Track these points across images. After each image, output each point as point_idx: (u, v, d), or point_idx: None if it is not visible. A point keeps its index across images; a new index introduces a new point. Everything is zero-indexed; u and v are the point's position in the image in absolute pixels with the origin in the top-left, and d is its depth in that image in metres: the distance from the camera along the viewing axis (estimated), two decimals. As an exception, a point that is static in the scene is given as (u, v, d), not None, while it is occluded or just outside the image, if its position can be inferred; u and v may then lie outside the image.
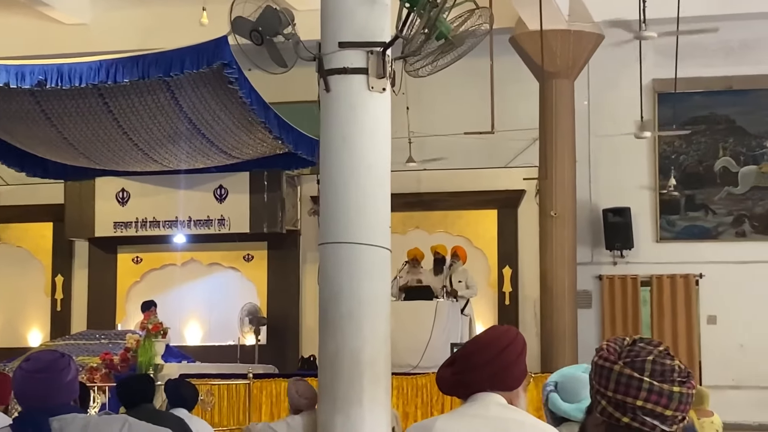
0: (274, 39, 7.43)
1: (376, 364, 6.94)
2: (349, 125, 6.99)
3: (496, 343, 3.16)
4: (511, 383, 3.15)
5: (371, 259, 6.97)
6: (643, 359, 2.19)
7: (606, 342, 2.26)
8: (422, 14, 6.93)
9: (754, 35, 15.18)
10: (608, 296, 15.53)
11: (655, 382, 2.16)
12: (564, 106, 14.46)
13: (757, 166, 15.49)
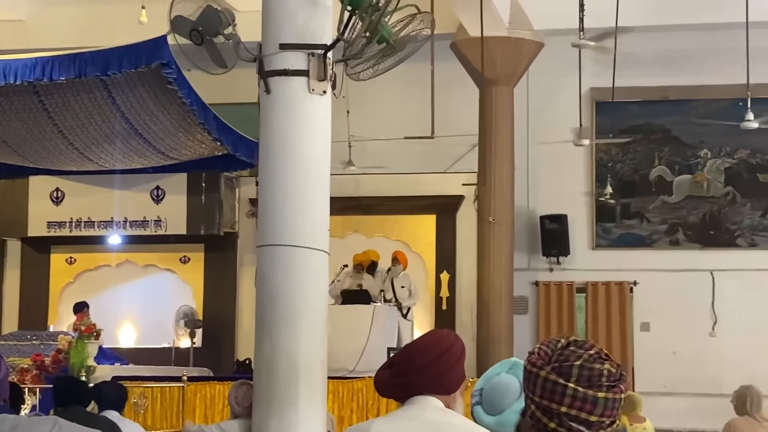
0: (214, 39, 7.37)
1: (313, 368, 6.92)
2: (290, 127, 6.96)
3: (436, 347, 3.16)
4: (449, 387, 3.15)
5: (309, 262, 6.94)
6: (571, 364, 2.19)
7: (539, 345, 2.25)
8: (364, 17, 6.92)
9: (690, 46, 15.37)
10: (544, 302, 15.64)
11: (580, 388, 2.16)
12: (503, 112, 14.54)
13: (692, 175, 15.68)
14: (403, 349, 3.31)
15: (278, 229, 6.92)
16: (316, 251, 6.94)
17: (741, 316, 15.17)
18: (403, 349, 3.31)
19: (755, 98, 12.21)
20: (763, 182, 15.49)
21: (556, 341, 2.27)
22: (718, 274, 15.35)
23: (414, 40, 7.53)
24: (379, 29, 7.00)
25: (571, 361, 2.21)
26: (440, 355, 3.14)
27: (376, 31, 7.01)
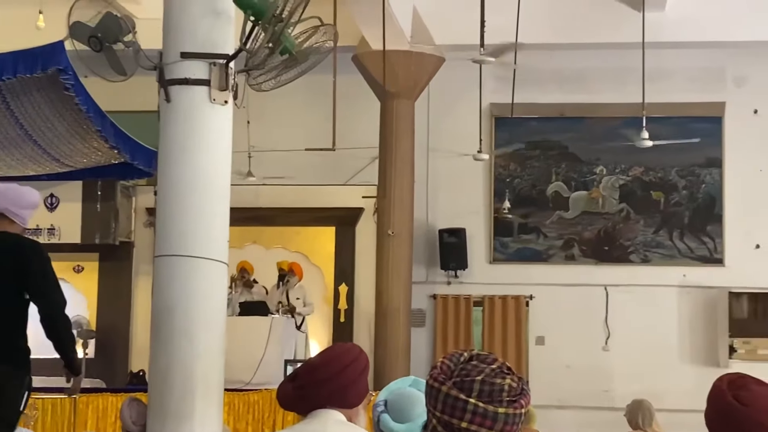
0: (113, 46, 7.27)
1: (209, 380, 6.85)
2: (190, 137, 6.89)
3: (339, 360, 3.15)
4: (351, 401, 3.14)
5: (207, 273, 6.88)
6: (473, 379, 2.19)
7: (442, 359, 2.26)
8: (267, 28, 6.89)
9: (587, 65, 15.64)
10: (441, 315, 15.72)
11: (481, 404, 2.16)
12: (404, 126, 14.61)
13: (587, 191, 15.93)
14: (307, 361, 3.30)
15: (176, 239, 6.84)
16: (214, 262, 6.88)
17: (633, 331, 15.44)
18: (307, 361, 3.30)
19: (650, 117, 12.45)
20: (656, 199, 15.81)
21: (459, 355, 2.27)
22: (611, 289, 15.61)
23: (317, 52, 7.52)
24: (282, 40, 6.98)
25: (472, 376, 2.21)
26: (343, 368, 3.13)
27: (278, 42, 6.98)
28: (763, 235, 15.41)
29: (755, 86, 15.55)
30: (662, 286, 15.51)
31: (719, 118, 15.61)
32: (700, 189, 15.72)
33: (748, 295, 15.45)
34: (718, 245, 15.58)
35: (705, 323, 15.42)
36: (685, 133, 15.47)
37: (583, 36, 14.14)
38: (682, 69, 15.54)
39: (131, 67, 7.28)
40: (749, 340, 15.41)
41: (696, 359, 15.35)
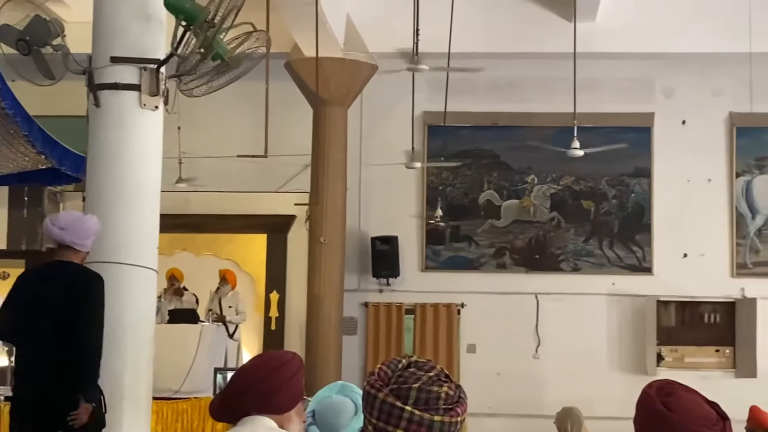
0: (41, 50, 7.17)
1: (137, 388, 6.78)
2: (119, 142, 6.82)
3: (265, 366, 3.11)
4: (281, 406, 3.10)
5: (137, 280, 6.80)
6: (410, 387, 2.18)
7: (380, 365, 2.24)
8: (199, 33, 6.83)
9: (520, 74, 15.74)
10: (373, 323, 15.71)
11: (417, 411, 2.15)
12: (337, 133, 14.59)
13: (519, 200, 16.02)
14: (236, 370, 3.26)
15: (105, 246, 6.75)
16: (143, 269, 6.81)
17: (563, 339, 15.55)
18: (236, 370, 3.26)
19: (581, 127, 12.56)
20: (587, 208, 15.94)
21: (397, 362, 2.26)
22: (542, 297, 15.71)
23: (249, 58, 7.48)
24: (214, 46, 6.93)
25: (409, 383, 2.20)
26: (270, 373, 3.09)
27: (210, 48, 6.93)
28: (690, 244, 15.61)
29: (683, 97, 15.77)
30: (592, 294, 15.64)
31: (648, 128, 15.80)
32: (630, 198, 15.88)
33: (676, 303, 15.64)
34: (646, 254, 15.75)
35: (633, 331, 15.58)
36: (615, 143, 15.61)
37: (515, 45, 14.24)
38: (612, 79, 15.71)
39: (60, 71, 7.19)
40: (676, 348, 15.61)
41: (624, 367, 15.50)
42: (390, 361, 2.27)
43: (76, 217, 6.43)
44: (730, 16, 13.36)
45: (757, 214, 15.69)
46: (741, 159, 15.67)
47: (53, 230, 6.31)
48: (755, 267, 15.61)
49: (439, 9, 11.92)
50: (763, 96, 14.32)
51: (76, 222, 6.34)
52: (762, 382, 14.91)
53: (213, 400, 3.19)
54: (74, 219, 6.39)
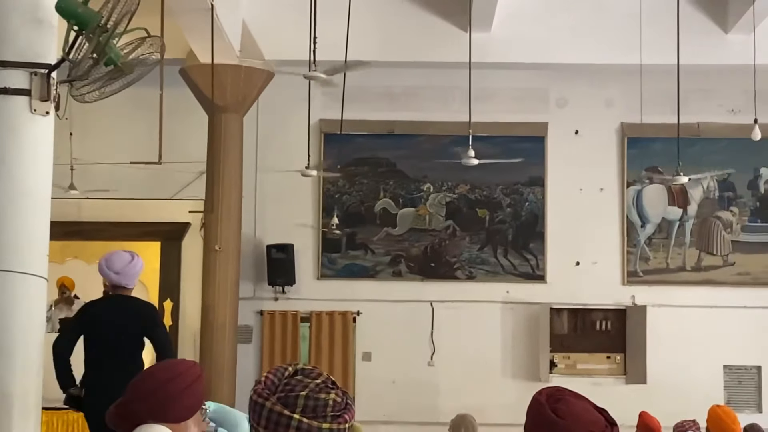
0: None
1: (27, 398, 6.65)
2: (9, 148, 6.68)
3: (160, 375, 3.08)
4: (177, 415, 3.07)
5: (26, 289, 6.67)
6: (297, 395, 2.18)
7: (266, 374, 2.23)
8: (91, 38, 6.72)
9: (416, 83, 15.84)
10: (268, 331, 15.64)
11: (305, 419, 2.15)
12: (232, 140, 14.49)
13: (415, 208, 16.11)
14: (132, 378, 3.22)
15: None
16: (33, 277, 6.68)
17: (458, 346, 15.67)
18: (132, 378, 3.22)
19: (476, 136, 12.67)
20: (481, 217, 16.09)
21: (283, 369, 2.25)
22: (437, 305, 15.81)
23: (143, 63, 7.39)
24: (106, 51, 6.82)
25: (296, 391, 2.20)
26: (165, 382, 3.06)
27: (103, 53, 6.82)
28: (583, 253, 15.86)
29: (576, 107, 16.03)
30: (486, 302, 15.79)
31: (542, 138, 16.02)
32: (524, 207, 16.08)
33: (568, 310, 15.87)
34: (540, 262, 15.96)
35: (527, 338, 15.76)
36: (509, 152, 15.81)
37: (412, 54, 14.32)
38: (507, 89, 15.89)
39: (-53, 75, 7.01)
40: (569, 355, 15.83)
41: (518, 374, 15.67)
42: (276, 369, 2.26)
43: (127, 261, 8.19)
44: (622, 28, 13.61)
45: (647, 222, 16.01)
46: (632, 169, 15.98)
47: (110, 274, 8.12)
48: (645, 275, 15.93)
49: (335, 17, 11.93)
50: (652, 107, 14.62)
51: (128, 267, 8.16)
52: (651, 388, 15.22)
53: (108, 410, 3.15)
54: (126, 263, 8.16)
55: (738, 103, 15.37)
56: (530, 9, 13.89)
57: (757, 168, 16.03)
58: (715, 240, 16.01)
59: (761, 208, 16.05)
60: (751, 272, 15.91)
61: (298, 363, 2.27)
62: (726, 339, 15.63)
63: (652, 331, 15.55)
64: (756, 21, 12.62)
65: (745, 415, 14.55)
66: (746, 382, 15.77)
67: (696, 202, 16.05)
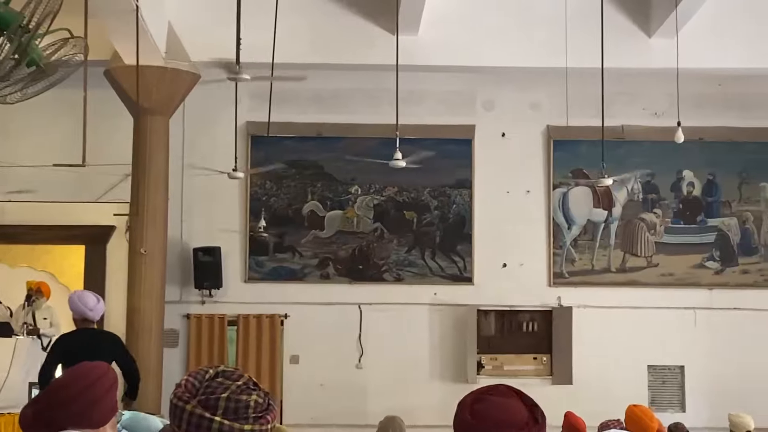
0: None
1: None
2: (-74, 149, 6.56)
3: (82, 380, 3.04)
4: (97, 420, 3.03)
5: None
6: (218, 397, 2.16)
7: (187, 376, 2.21)
8: (13, 39, 6.63)
9: (344, 85, 15.84)
10: (195, 335, 15.53)
11: (226, 421, 2.14)
12: (158, 142, 14.35)
13: (343, 211, 16.10)
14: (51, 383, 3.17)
15: None
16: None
17: (386, 349, 15.69)
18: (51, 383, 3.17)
19: (403, 138, 12.70)
20: (409, 219, 16.13)
21: (204, 372, 2.23)
22: (365, 307, 15.82)
23: (66, 65, 7.30)
24: (29, 52, 6.73)
25: (218, 393, 2.18)
26: (86, 387, 3.02)
27: (25, 54, 6.73)
28: (509, 255, 15.97)
29: (502, 110, 16.14)
30: (414, 304, 15.83)
31: (469, 140, 16.10)
32: (451, 209, 16.15)
33: (496, 312, 15.97)
34: (467, 264, 16.03)
35: (455, 340, 15.83)
36: (437, 155, 15.86)
37: (339, 57, 14.29)
38: (435, 92, 15.96)
39: None
40: (496, 356, 15.93)
41: (446, 376, 15.73)
42: (197, 372, 2.24)
43: (96, 300, 9.92)
44: (547, 32, 13.73)
45: (572, 224, 16.17)
46: (558, 171, 16.12)
47: (86, 311, 9.76)
48: (571, 276, 16.08)
49: (262, 19, 11.89)
50: (578, 110, 14.77)
51: (98, 305, 9.90)
52: (577, 389, 15.37)
53: (25, 414, 3.10)
54: (97, 302, 9.89)
55: (661, 106, 15.59)
56: (457, 12, 13.95)
57: (680, 170, 16.26)
58: (639, 241, 16.22)
59: (684, 210, 16.29)
60: (674, 273, 16.14)
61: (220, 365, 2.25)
62: (650, 339, 15.84)
63: (577, 332, 15.70)
64: (678, 25, 12.80)
65: (668, 415, 14.78)
66: (670, 381, 15.99)
67: (620, 204, 16.25)
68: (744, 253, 16.22)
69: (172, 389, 2.41)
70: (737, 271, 16.18)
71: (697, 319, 15.94)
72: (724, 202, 16.29)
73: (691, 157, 16.05)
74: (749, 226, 16.25)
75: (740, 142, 16.20)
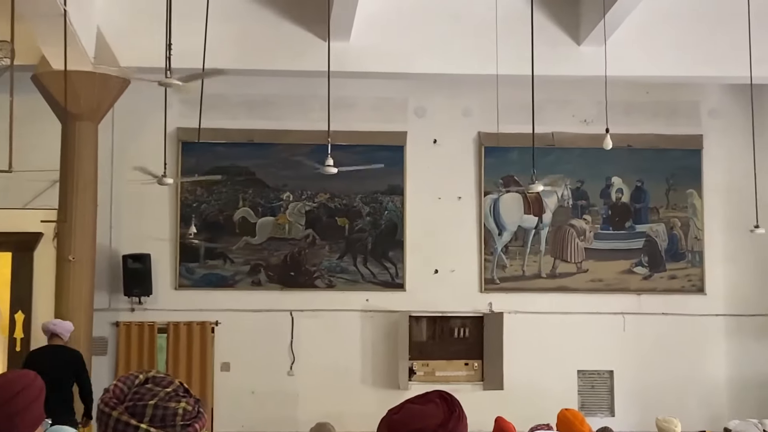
0: None
1: None
2: None
3: (8, 389, 2.98)
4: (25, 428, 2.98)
5: None
6: (146, 404, 2.13)
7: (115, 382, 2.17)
8: (-64, 41, 6.51)
9: (275, 91, 15.80)
10: (124, 343, 15.37)
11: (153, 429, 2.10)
12: (87, 148, 14.18)
13: (274, 217, 16.04)
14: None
15: None
16: None
17: (318, 355, 15.66)
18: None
19: (336, 145, 12.69)
20: (341, 225, 16.12)
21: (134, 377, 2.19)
22: (297, 314, 15.77)
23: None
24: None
25: (145, 400, 2.14)
26: (12, 397, 2.97)
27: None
28: (441, 261, 16.02)
29: (434, 117, 16.20)
30: (346, 310, 15.82)
31: (401, 147, 16.13)
32: (383, 216, 16.16)
33: (427, 318, 16.01)
34: (399, 270, 16.06)
35: (387, 346, 15.84)
36: (369, 161, 15.88)
37: (270, 63, 14.23)
38: (367, 98, 15.97)
39: None
40: (428, 362, 15.97)
41: (378, 382, 15.74)
42: (126, 377, 2.20)
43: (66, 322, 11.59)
44: (479, 39, 13.79)
45: (503, 231, 16.27)
46: (489, 177, 16.22)
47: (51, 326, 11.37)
48: (502, 282, 16.17)
49: (193, 24, 11.81)
50: (509, 117, 14.88)
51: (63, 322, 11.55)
52: (508, 394, 15.46)
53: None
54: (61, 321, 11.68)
55: (591, 113, 15.76)
56: (389, 19, 13.98)
57: (609, 177, 16.44)
58: (569, 247, 16.36)
59: (613, 216, 16.47)
60: (603, 279, 16.30)
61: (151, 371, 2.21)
62: (580, 344, 15.98)
63: (508, 338, 15.80)
64: (607, 34, 12.93)
65: (598, 419, 14.92)
66: (599, 386, 16.15)
67: (551, 211, 16.38)
68: (671, 259, 16.44)
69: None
70: (665, 276, 16.38)
71: (626, 324, 16.11)
72: (652, 209, 16.50)
73: (619, 163, 16.24)
74: (677, 231, 16.48)
75: (668, 149, 16.42)
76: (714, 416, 15.48)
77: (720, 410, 15.70)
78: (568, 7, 14.04)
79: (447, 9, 14.04)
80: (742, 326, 16.26)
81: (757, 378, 16.15)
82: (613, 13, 12.72)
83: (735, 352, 16.22)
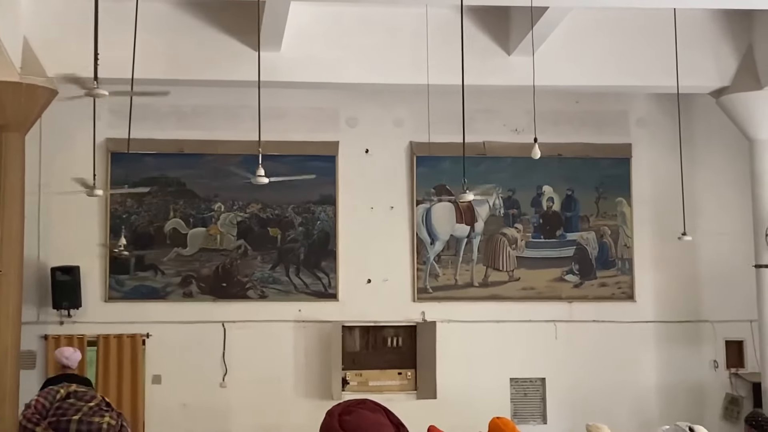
0: None
1: None
2: None
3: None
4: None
5: None
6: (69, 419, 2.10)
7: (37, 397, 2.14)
8: None
9: (205, 102, 15.72)
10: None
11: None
12: (14, 160, 13.97)
13: (206, 228, 15.95)
14: None
15: None
16: None
17: (251, 367, 15.59)
18: None
19: (267, 155, 12.64)
20: (273, 236, 16.07)
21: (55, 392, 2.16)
22: (229, 325, 15.68)
23: None
24: None
25: (69, 415, 2.12)
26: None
27: None
28: (374, 270, 16.03)
29: (366, 126, 16.22)
30: (279, 321, 15.77)
31: (333, 156, 16.13)
32: (315, 226, 16.14)
33: (360, 328, 16.01)
34: (332, 280, 16.04)
35: (320, 357, 15.81)
36: (301, 172, 15.84)
37: (200, 73, 14.15)
38: (298, 109, 15.95)
39: None
40: (361, 372, 15.96)
41: (311, 392, 15.70)
42: (48, 392, 2.17)
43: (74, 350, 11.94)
44: (410, 50, 13.84)
45: (436, 240, 16.32)
46: (421, 187, 16.27)
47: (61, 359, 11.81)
48: (435, 291, 16.22)
49: (121, 34, 11.71)
50: (440, 127, 14.94)
51: (74, 354, 11.84)
52: (441, 403, 15.50)
53: None
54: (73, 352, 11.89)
55: (521, 122, 15.89)
56: (320, 29, 13.97)
57: (540, 186, 16.57)
58: (501, 256, 16.46)
59: (544, 225, 16.60)
60: (535, 287, 16.42)
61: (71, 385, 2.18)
62: (512, 352, 16.08)
63: (441, 347, 15.84)
64: (535, 44, 13.04)
65: (530, 427, 15.02)
66: (531, 394, 16.25)
67: (483, 220, 16.47)
68: (602, 267, 16.61)
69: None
70: (595, 284, 16.54)
71: (558, 331, 16.24)
72: (582, 217, 16.66)
73: (550, 172, 16.38)
74: (606, 240, 16.65)
75: (597, 158, 16.59)
76: (645, 422, 15.66)
77: (650, 416, 15.88)
78: (498, 19, 14.14)
79: (378, 20, 14.07)
80: (671, 333, 16.47)
81: (686, 383, 16.37)
82: (541, 24, 12.84)
83: (664, 358, 16.42)
